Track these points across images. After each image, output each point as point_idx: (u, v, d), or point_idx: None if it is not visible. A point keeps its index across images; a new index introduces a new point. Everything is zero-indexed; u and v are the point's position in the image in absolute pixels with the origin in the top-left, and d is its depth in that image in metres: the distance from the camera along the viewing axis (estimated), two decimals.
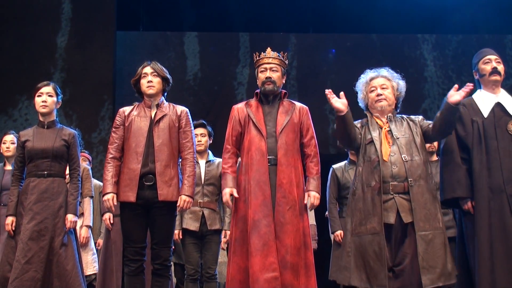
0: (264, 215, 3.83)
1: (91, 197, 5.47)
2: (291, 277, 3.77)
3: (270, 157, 3.95)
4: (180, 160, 4.08)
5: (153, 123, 4.00)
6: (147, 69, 4.08)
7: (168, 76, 4.14)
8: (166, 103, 4.13)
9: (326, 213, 5.94)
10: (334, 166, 5.49)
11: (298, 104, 4.17)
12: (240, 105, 4.19)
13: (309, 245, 3.92)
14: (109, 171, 3.97)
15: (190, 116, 4.14)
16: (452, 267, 3.76)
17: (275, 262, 3.74)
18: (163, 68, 4.14)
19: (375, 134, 3.92)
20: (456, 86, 3.81)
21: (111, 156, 4.01)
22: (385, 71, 4.10)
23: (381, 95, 3.98)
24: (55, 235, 4.25)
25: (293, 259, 3.80)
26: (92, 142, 8.10)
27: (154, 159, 3.91)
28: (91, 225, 5.47)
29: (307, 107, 4.20)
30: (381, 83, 4.03)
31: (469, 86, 3.78)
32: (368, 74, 4.12)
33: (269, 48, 4.16)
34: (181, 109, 4.12)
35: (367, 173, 3.87)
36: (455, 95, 3.78)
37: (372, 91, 4.03)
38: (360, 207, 3.84)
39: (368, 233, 3.77)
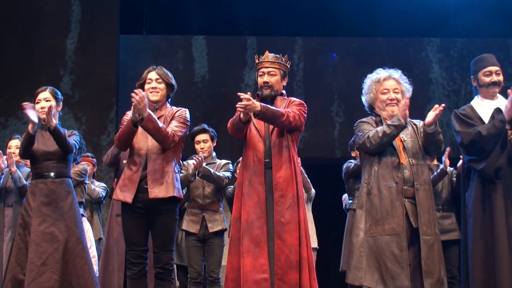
0: (257, 217, 3.78)
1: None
2: (296, 276, 3.72)
3: (266, 160, 3.87)
4: (176, 161, 3.96)
5: None
6: (152, 75, 3.97)
7: (173, 82, 4.03)
8: (169, 107, 4.02)
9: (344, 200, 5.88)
10: (349, 161, 5.60)
11: (290, 98, 4.07)
12: None
13: (304, 239, 3.81)
14: None
15: (187, 114, 3.98)
16: (444, 275, 3.73)
17: (265, 264, 3.70)
18: (168, 73, 4.02)
19: None
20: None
21: None
22: (396, 74, 4.02)
23: (394, 99, 3.92)
24: (68, 236, 4.22)
25: (296, 257, 3.74)
26: (101, 144, 8.07)
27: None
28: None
29: (301, 100, 4.06)
30: (394, 87, 3.95)
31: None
32: (380, 73, 4.03)
33: (267, 52, 4.06)
34: (179, 108, 4.00)
35: (385, 173, 3.79)
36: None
37: (385, 93, 3.96)
38: (377, 207, 3.76)
39: (385, 234, 3.70)
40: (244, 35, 9.20)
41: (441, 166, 5.16)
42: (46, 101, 4.34)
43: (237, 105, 3.72)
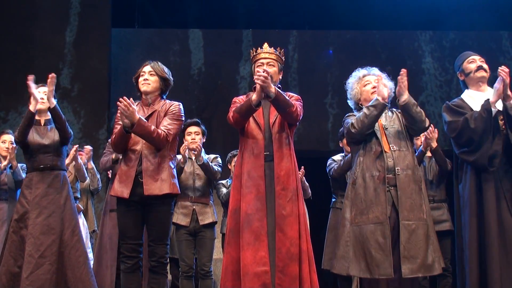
0: (257, 209, 3.69)
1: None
2: (297, 268, 3.66)
3: (266, 153, 3.78)
4: (172, 156, 3.89)
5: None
6: (146, 68, 3.93)
7: (168, 77, 3.96)
8: (162, 101, 3.94)
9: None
10: (333, 157, 5.48)
11: (288, 93, 3.97)
12: (242, 97, 4.03)
13: (304, 233, 3.76)
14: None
15: (181, 108, 3.93)
16: (434, 260, 3.64)
17: (265, 256, 3.62)
18: (164, 69, 3.96)
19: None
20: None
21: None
22: (376, 70, 4.01)
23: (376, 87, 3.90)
24: (64, 228, 4.22)
25: (296, 250, 3.67)
26: (99, 138, 7.96)
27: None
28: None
29: (298, 95, 4.01)
30: (375, 79, 3.94)
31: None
32: (360, 71, 4.04)
33: (266, 44, 4.01)
34: (172, 103, 3.93)
35: (369, 162, 3.75)
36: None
37: (366, 85, 3.96)
38: (361, 197, 3.72)
39: (370, 223, 3.65)
40: (239, 28, 9.08)
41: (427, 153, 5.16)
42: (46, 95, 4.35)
43: (257, 75, 3.63)
